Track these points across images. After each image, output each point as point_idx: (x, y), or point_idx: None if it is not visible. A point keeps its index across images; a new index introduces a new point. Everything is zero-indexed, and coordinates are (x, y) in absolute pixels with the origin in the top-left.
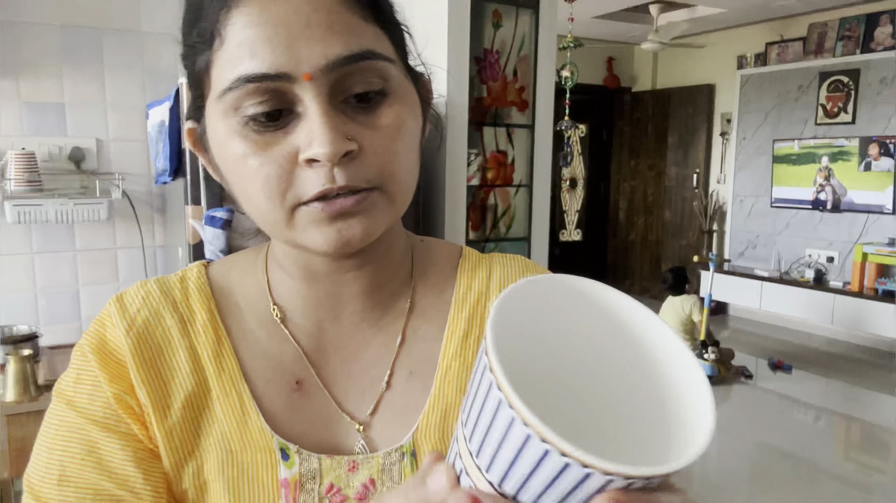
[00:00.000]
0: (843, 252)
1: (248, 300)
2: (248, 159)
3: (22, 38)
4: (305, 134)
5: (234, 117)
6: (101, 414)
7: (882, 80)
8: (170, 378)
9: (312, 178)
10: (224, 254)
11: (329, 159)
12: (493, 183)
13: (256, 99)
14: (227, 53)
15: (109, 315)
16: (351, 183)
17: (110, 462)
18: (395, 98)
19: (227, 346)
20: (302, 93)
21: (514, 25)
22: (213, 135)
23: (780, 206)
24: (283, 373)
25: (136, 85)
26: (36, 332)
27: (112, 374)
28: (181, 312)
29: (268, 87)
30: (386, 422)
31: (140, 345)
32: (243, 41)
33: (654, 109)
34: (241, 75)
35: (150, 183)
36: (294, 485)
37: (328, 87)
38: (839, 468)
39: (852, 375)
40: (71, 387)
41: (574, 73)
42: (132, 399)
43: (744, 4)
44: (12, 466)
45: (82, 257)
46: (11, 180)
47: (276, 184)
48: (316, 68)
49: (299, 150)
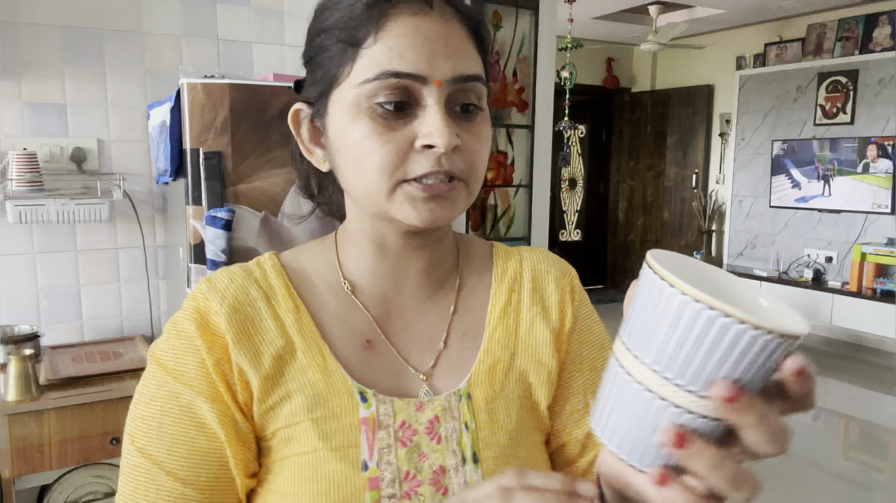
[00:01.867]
0: (842, 252)
1: (320, 276)
2: (372, 138)
3: (23, 39)
4: (426, 126)
5: (365, 103)
6: (196, 380)
7: (881, 81)
8: (260, 340)
9: (423, 161)
10: (225, 253)
11: (445, 147)
12: (493, 183)
13: (391, 91)
14: (376, 52)
15: (202, 292)
16: (452, 169)
17: (203, 419)
18: (485, 114)
19: (306, 313)
20: (427, 94)
21: (514, 26)
22: (336, 115)
23: (778, 207)
24: (354, 333)
25: (138, 85)
26: (37, 332)
27: (210, 344)
28: (263, 288)
29: (404, 83)
30: (444, 373)
31: (232, 314)
32: (394, 45)
33: (654, 110)
34: (388, 70)
35: (151, 183)
36: (372, 422)
37: (447, 94)
38: (838, 467)
39: (851, 375)
40: (168, 355)
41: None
42: (227, 365)
43: (743, 5)
44: (14, 466)
45: (84, 257)
46: (13, 180)
47: (392, 159)
48: (444, 78)
49: (416, 138)
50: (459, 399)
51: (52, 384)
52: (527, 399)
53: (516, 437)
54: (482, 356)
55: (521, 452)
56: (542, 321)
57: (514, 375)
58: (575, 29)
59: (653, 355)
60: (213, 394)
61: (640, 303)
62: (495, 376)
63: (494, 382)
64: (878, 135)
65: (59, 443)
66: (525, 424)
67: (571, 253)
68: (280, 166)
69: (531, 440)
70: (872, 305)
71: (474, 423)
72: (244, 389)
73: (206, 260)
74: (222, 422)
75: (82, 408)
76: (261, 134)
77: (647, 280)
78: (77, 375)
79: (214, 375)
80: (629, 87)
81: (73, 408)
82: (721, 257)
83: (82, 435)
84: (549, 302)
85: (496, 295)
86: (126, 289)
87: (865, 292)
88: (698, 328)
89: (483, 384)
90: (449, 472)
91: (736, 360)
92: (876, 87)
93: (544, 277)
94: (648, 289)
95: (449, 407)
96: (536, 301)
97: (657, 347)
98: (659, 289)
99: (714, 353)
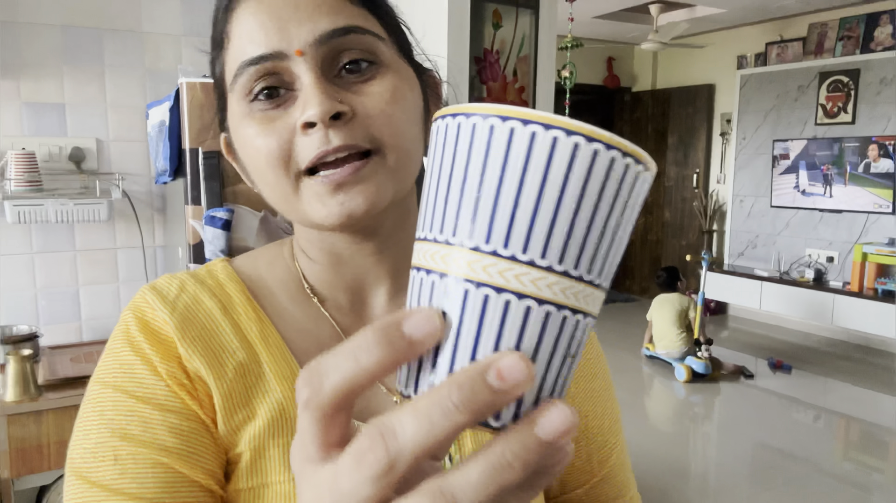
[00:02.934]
0: (843, 252)
1: (279, 284)
2: (256, 137)
3: (22, 39)
4: (301, 104)
5: (244, 104)
6: (154, 393)
7: (882, 80)
8: (220, 349)
9: (308, 144)
10: (224, 253)
11: (320, 118)
12: None
13: (260, 80)
14: (233, 49)
15: (146, 302)
16: (345, 142)
17: (165, 438)
18: (389, 70)
19: (269, 324)
20: (297, 69)
21: (514, 26)
22: (233, 127)
23: (779, 206)
24: (321, 348)
25: (137, 85)
26: (36, 332)
27: (163, 353)
28: (219, 297)
29: (267, 67)
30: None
31: (185, 325)
32: (243, 33)
33: (654, 109)
34: (242, 61)
35: (150, 183)
36: None
37: (320, 60)
38: (839, 468)
39: (852, 375)
40: (114, 373)
41: (574, 73)
42: (183, 373)
43: (744, 4)
44: (12, 466)
45: (82, 257)
46: (12, 180)
47: (279, 154)
48: (306, 44)
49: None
50: None
51: (51, 384)
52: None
53: None
54: None
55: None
56: None
57: None
58: (575, 28)
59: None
60: (178, 407)
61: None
62: None
63: None
64: (880, 134)
65: (58, 443)
66: None
67: None
68: None
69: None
70: (874, 305)
71: (458, 455)
72: (206, 401)
73: (205, 259)
74: (192, 434)
75: None
76: None
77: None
78: (76, 376)
79: (174, 385)
80: (630, 87)
81: (72, 409)
82: (722, 257)
83: None
84: None
85: None
86: (125, 289)
87: (867, 292)
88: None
89: None
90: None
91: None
92: (877, 86)
93: None
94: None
95: None
96: None
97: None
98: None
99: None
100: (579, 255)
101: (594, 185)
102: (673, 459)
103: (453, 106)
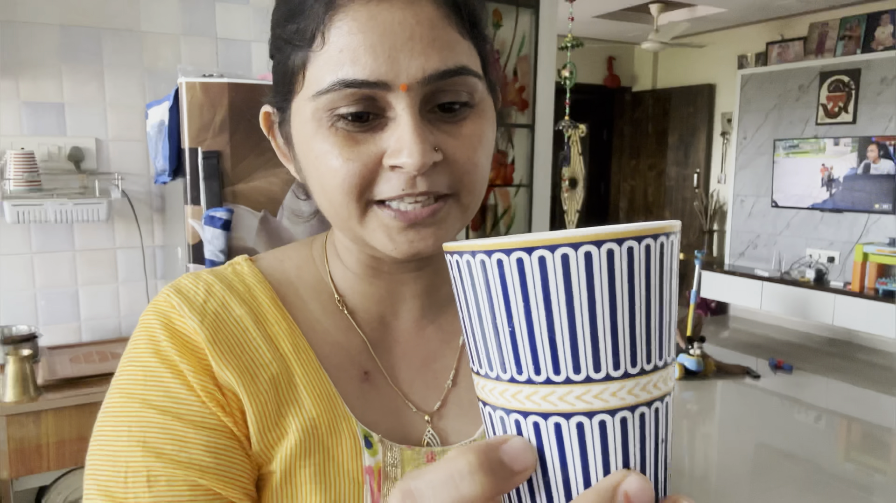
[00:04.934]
0: (844, 252)
1: (309, 291)
2: (333, 156)
3: (21, 38)
4: (395, 140)
5: (325, 117)
6: (188, 409)
7: (883, 80)
8: (252, 362)
9: (394, 182)
10: (224, 253)
11: (416, 170)
12: (494, 183)
13: (351, 102)
14: (327, 55)
15: (172, 307)
16: (430, 189)
17: (202, 457)
18: (479, 111)
19: (300, 335)
20: (395, 101)
21: (515, 25)
22: (299, 129)
23: (780, 206)
24: (352, 362)
25: (136, 85)
26: (35, 332)
27: (195, 365)
28: (249, 303)
29: (365, 93)
30: (453, 415)
31: (216, 334)
32: (346, 47)
33: (655, 109)
34: (341, 79)
35: (149, 183)
36: (378, 472)
37: (421, 97)
38: (839, 468)
39: (853, 375)
40: (142, 385)
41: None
42: (216, 387)
43: (744, 4)
44: (12, 466)
45: (82, 257)
46: (10, 180)
47: (358, 182)
48: (414, 80)
49: (385, 153)
50: None
51: (50, 385)
52: None
53: None
54: None
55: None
56: None
57: None
58: (576, 28)
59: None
60: (214, 423)
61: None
62: None
63: None
64: (881, 133)
65: (57, 443)
66: None
67: None
68: (279, 166)
69: None
70: (874, 306)
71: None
72: (239, 417)
73: (204, 260)
74: (228, 451)
75: (80, 409)
76: (260, 133)
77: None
78: (75, 376)
79: (208, 401)
80: (630, 87)
81: (71, 409)
82: (723, 257)
83: (80, 436)
84: None
85: None
86: (124, 289)
87: (867, 292)
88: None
89: None
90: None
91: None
92: (878, 86)
93: None
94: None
95: None
96: None
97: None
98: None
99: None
100: (633, 352)
101: (623, 282)
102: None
103: (463, 243)
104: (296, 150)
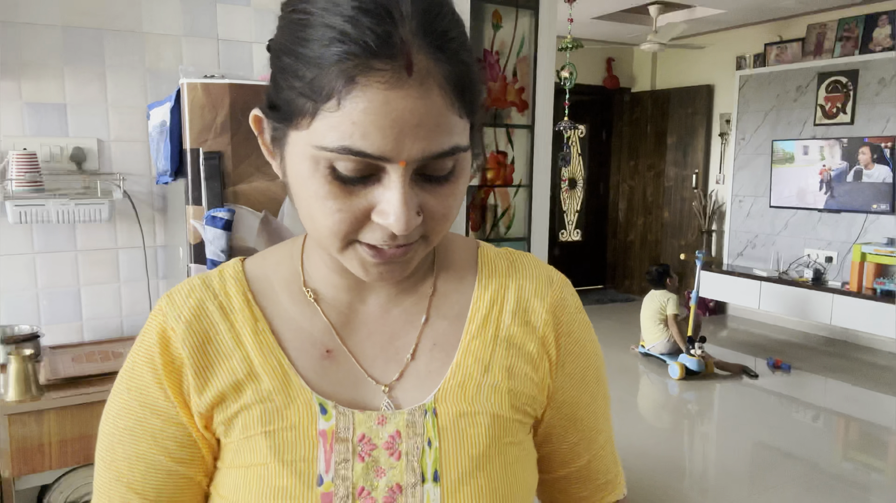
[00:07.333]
0: (842, 252)
1: (282, 284)
2: (327, 201)
3: (23, 39)
4: (385, 203)
5: (323, 166)
6: (156, 401)
7: (881, 81)
8: (216, 355)
9: (378, 234)
10: (225, 254)
11: (400, 233)
12: (493, 183)
13: (352, 167)
14: (339, 120)
15: (161, 309)
16: (408, 241)
17: (164, 441)
18: (458, 171)
19: (264, 323)
20: (391, 169)
21: (514, 26)
22: (294, 160)
23: (778, 206)
24: (314, 343)
25: (138, 85)
26: (37, 332)
27: (168, 365)
28: (220, 299)
29: (367, 162)
30: (409, 385)
31: (188, 332)
32: (359, 122)
33: (654, 110)
34: (348, 147)
35: (151, 183)
36: (331, 435)
37: (414, 169)
38: (837, 467)
39: (851, 375)
40: (132, 375)
41: (573, 73)
42: (180, 386)
43: (743, 5)
44: (14, 465)
45: (84, 257)
46: (13, 181)
47: (346, 228)
48: (412, 159)
49: (373, 207)
50: (424, 414)
51: (52, 384)
52: (502, 418)
53: (486, 458)
54: (454, 369)
55: (490, 473)
56: (525, 336)
57: (488, 392)
58: (575, 29)
59: None
60: (173, 416)
61: None
62: (466, 392)
63: (465, 399)
64: (879, 135)
65: (59, 443)
66: (500, 443)
67: (571, 253)
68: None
69: (504, 461)
70: (872, 305)
71: (437, 441)
72: (200, 407)
73: (206, 260)
74: (184, 443)
75: (82, 409)
76: None
77: None
78: (77, 375)
79: (172, 396)
80: (629, 87)
81: (73, 408)
82: (721, 257)
83: (82, 435)
84: (534, 316)
85: (477, 304)
86: (126, 289)
87: (865, 292)
88: None
89: (452, 400)
90: (406, 491)
91: None
92: (876, 86)
93: (531, 289)
94: None
95: (413, 422)
96: (520, 314)
97: None
98: None
99: None
100: None
101: None
102: (668, 457)
103: None
104: (286, 170)
